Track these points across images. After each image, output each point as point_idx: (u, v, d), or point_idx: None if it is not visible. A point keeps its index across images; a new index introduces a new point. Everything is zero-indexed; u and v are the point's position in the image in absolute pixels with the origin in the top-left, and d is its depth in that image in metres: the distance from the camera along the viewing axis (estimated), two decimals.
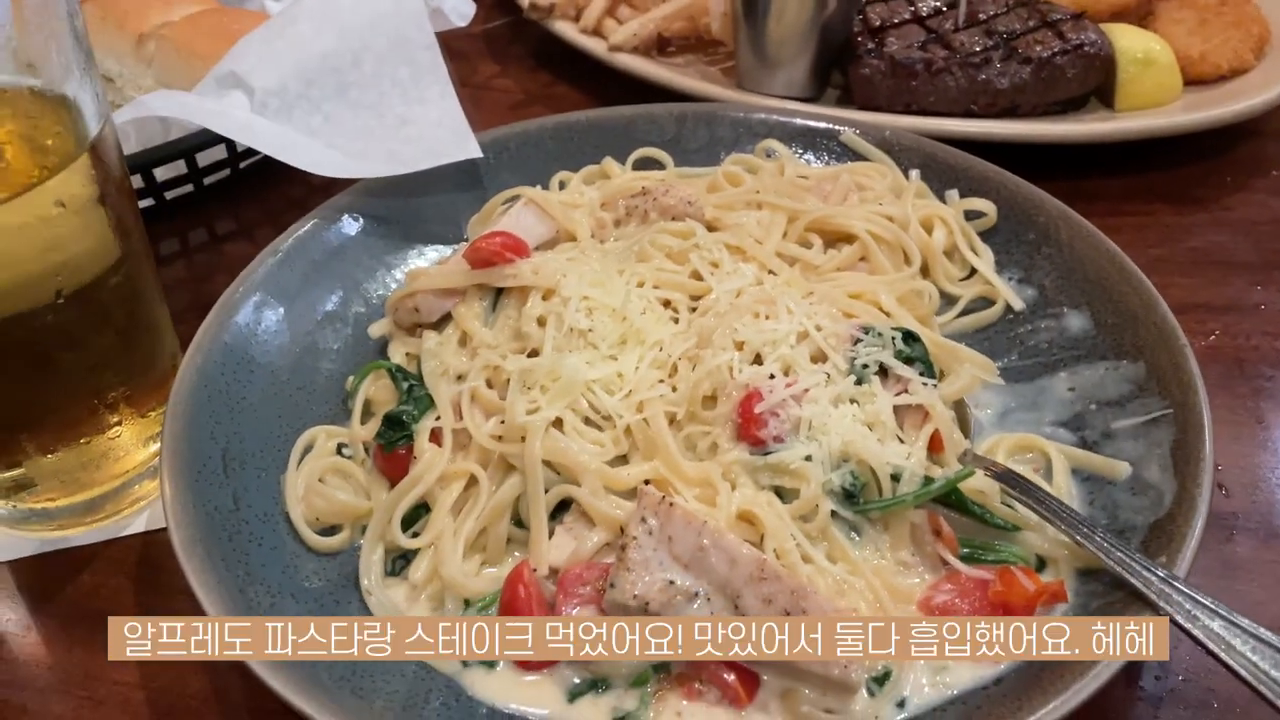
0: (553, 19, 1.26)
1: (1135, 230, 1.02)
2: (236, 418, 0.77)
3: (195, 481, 0.70)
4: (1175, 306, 0.92)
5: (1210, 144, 1.10)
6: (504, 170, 1.01)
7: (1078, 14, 1.12)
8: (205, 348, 0.78)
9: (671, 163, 1.03)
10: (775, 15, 1.10)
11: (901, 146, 0.98)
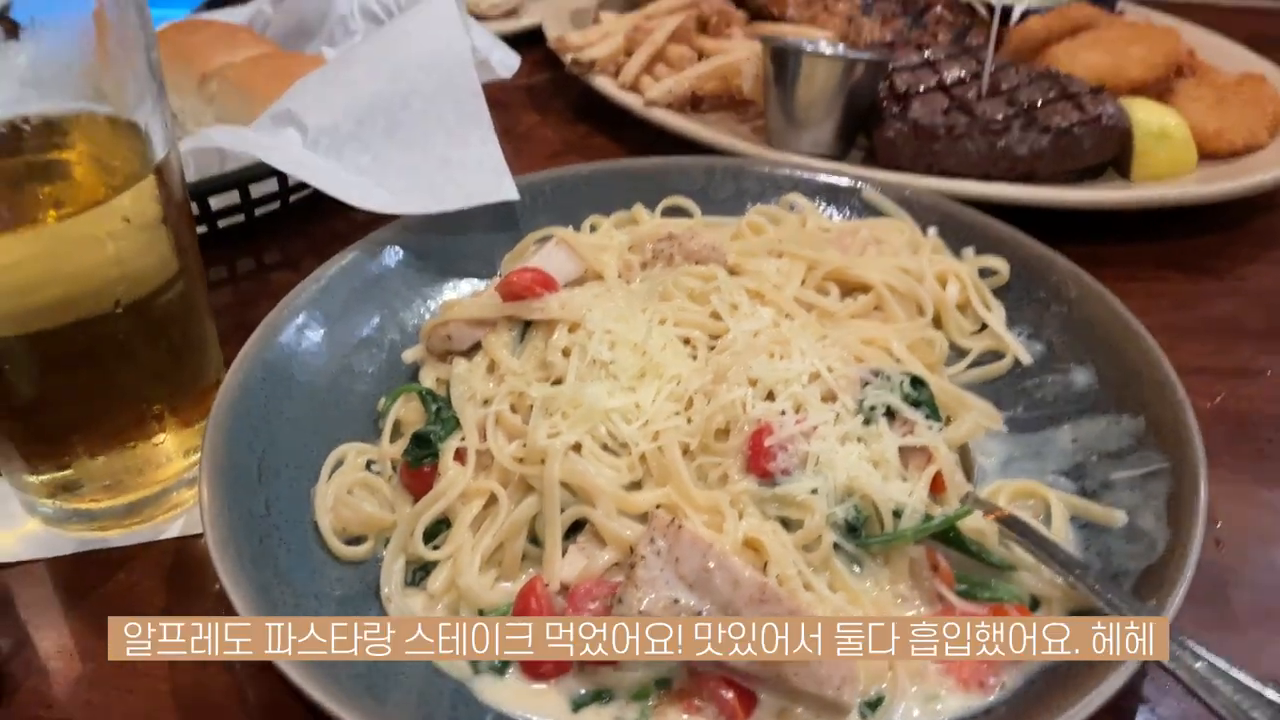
0: (593, 74, 1.32)
1: (1148, 296, 1.04)
2: (273, 431, 0.80)
3: (231, 487, 0.74)
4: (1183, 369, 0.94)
5: (1226, 216, 1.13)
6: (539, 212, 1.06)
7: (1097, 88, 1.16)
8: (248, 364, 0.83)
9: (699, 211, 1.07)
10: (804, 80, 1.15)
11: (920, 205, 1.02)
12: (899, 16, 1.40)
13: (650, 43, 1.29)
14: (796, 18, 1.41)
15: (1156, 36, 1.24)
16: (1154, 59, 1.22)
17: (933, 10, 1.41)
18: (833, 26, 1.40)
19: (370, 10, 1.37)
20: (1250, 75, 1.24)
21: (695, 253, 0.94)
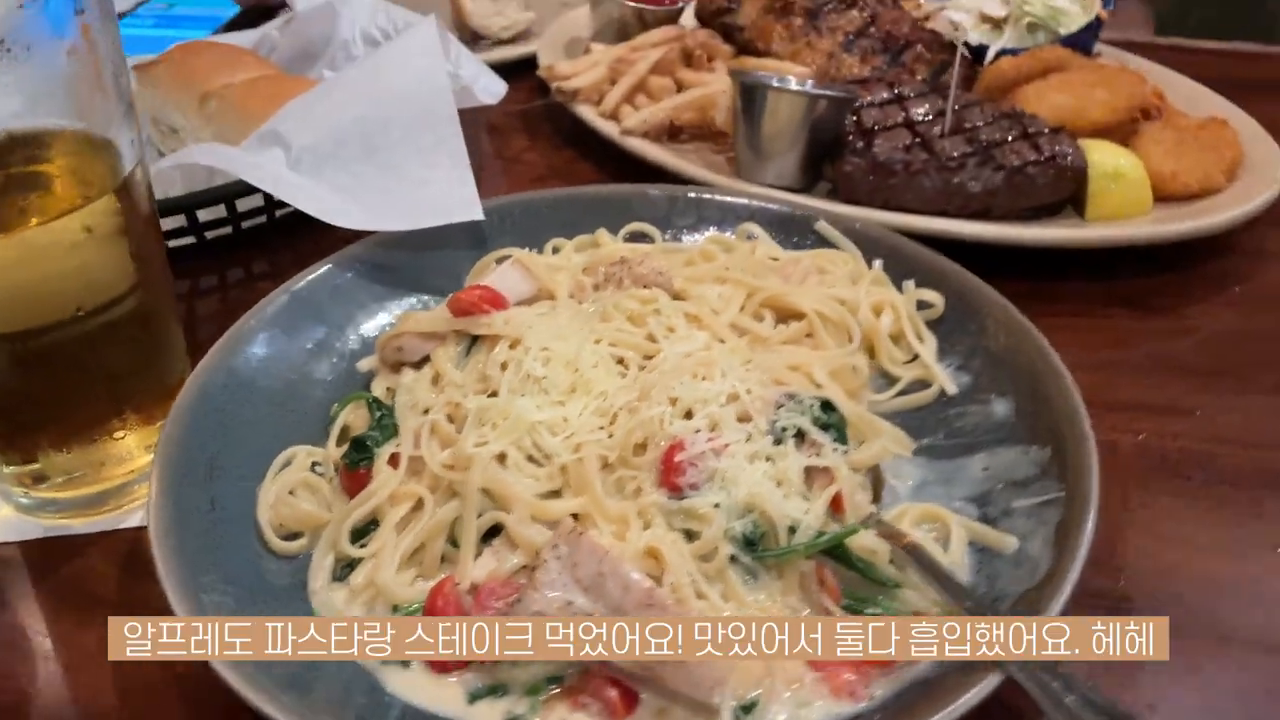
0: (577, 102, 1.37)
1: (1092, 332, 1.07)
2: (229, 433, 0.85)
3: (179, 483, 0.79)
4: (1116, 405, 0.97)
5: (1177, 257, 1.15)
6: (506, 233, 1.11)
7: (1057, 128, 1.19)
8: (210, 369, 0.88)
9: (660, 237, 1.11)
10: (769, 114, 1.19)
11: (868, 238, 1.05)
12: (879, 54, 1.44)
13: (632, 74, 1.33)
14: (781, 52, 1.45)
15: (1121, 80, 1.26)
16: (1116, 102, 1.24)
17: (913, 48, 1.44)
18: (814, 62, 1.43)
19: (371, 36, 1.43)
20: (1213, 120, 1.26)
21: (643, 277, 0.98)
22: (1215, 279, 1.15)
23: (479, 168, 1.40)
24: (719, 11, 1.51)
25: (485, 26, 1.63)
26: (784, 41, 1.46)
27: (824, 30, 1.46)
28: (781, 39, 1.46)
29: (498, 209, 1.11)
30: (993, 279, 1.06)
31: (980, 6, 1.41)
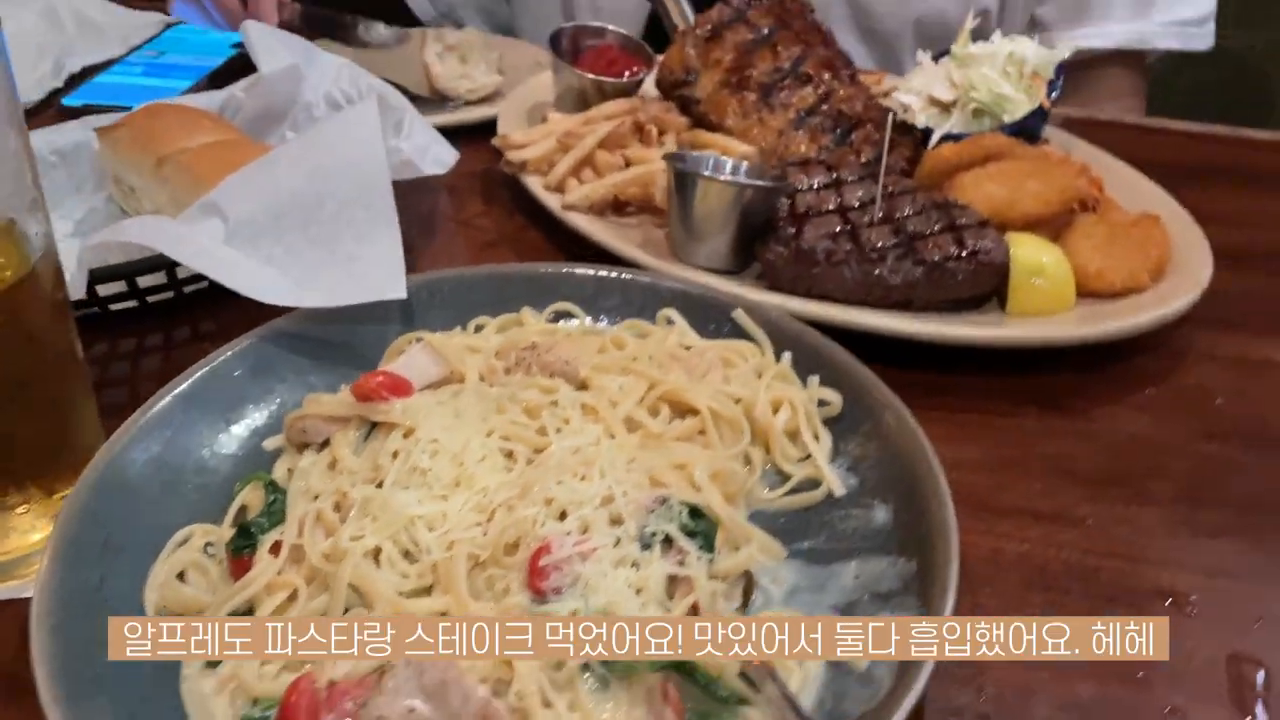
0: (526, 173, 1.39)
1: (995, 430, 1.08)
2: (129, 508, 0.88)
3: (70, 560, 0.81)
4: (1005, 510, 0.98)
5: (1095, 355, 1.15)
6: (434, 309, 1.13)
7: (984, 221, 1.20)
8: (120, 443, 0.91)
9: (584, 318, 1.13)
10: (700, 199, 1.21)
11: (781, 329, 1.07)
12: (828, 132, 1.45)
13: (580, 148, 1.36)
14: (733, 128, 1.47)
15: (1057, 173, 1.27)
16: (1049, 195, 1.25)
17: (862, 128, 1.46)
18: (764, 140, 1.45)
19: (334, 99, 1.47)
20: (1146, 216, 1.26)
21: (550, 364, 1.01)
22: (1131, 380, 1.15)
23: (432, 230, 1.45)
24: (677, 83, 1.53)
25: (452, 88, 1.66)
26: (737, 117, 1.48)
27: (776, 107, 1.48)
28: (735, 114, 1.48)
29: (428, 285, 1.14)
30: (908, 369, 1.08)
31: (929, 90, 1.42)
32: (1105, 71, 2.01)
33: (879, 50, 2.02)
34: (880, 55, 2.03)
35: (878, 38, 2.01)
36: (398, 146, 1.25)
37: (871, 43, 2.01)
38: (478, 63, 1.69)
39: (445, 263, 1.38)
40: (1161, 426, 1.09)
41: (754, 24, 1.57)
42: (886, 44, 2.00)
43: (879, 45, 2.01)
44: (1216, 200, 1.49)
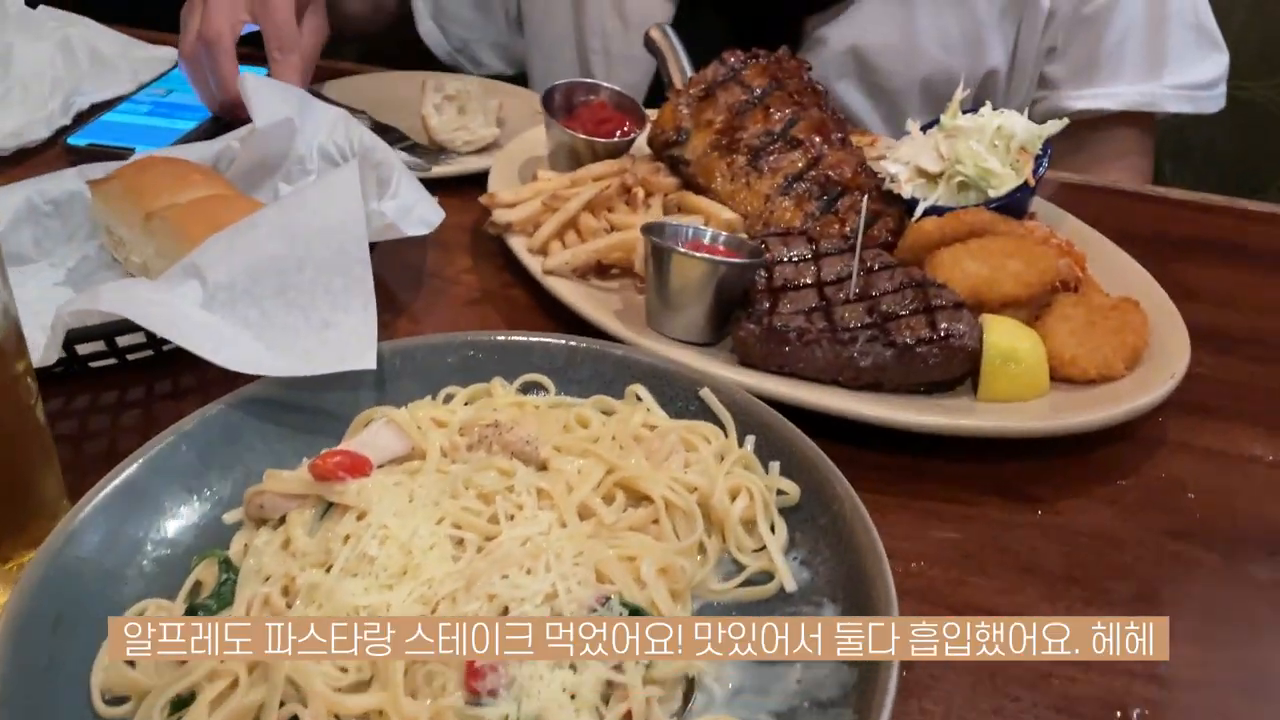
0: (511, 234, 1.40)
1: (958, 520, 1.07)
2: (86, 582, 0.89)
3: (20, 637, 0.82)
4: (962, 607, 0.97)
5: (1062, 442, 1.14)
6: (405, 376, 1.14)
7: (960, 302, 1.19)
8: (83, 512, 0.92)
9: (554, 389, 1.14)
10: (675, 273, 1.21)
11: (746, 411, 1.07)
12: (815, 199, 1.45)
13: (563, 211, 1.36)
14: (720, 191, 1.47)
15: (1038, 253, 1.26)
16: (1029, 276, 1.24)
17: (849, 195, 1.45)
18: (750, 204, 1.45)
19: (328, 152, 1.48)
20: (1125, 300, 1.25)
21: (511, 444, 1.01)
22: (1102, 470, 1.14)
23: (418, 284, 1.45)
24: (668, 143, 1.53)
25: (449, 140, 1.67)
26: (725, 180, 1.48)
27: (764, 171, 1.48)
28: (723, 177, 1.48)
29: (401, 351, 1.15)
30: (875, 449, 1.08)
31: (917, 160, 1.42)
32: (1113, 132, 1.99)
33: (885, 108, 2.01)
34: (886, 112, 2.01)
35: (884, 95, 1.99)
36: (379, 210, 1.25)
37: (878, 100, 2.00)
38: (476, 113, 1.70)
39: (427, 319, 1.38)
40: (1128, 521, 1.08)
41: (747, 84, 1.57)
42: (893, 102, 1.99)
43: (885, 103, 2.00)
44: (1205, 276, 1.48)
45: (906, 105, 2.01)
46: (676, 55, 1.77)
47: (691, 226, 1.29)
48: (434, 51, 2.31)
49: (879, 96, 2.02)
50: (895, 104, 2.02)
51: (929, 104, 2.00)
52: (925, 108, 2.01)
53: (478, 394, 1.13)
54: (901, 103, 2.01)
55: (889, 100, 2.01)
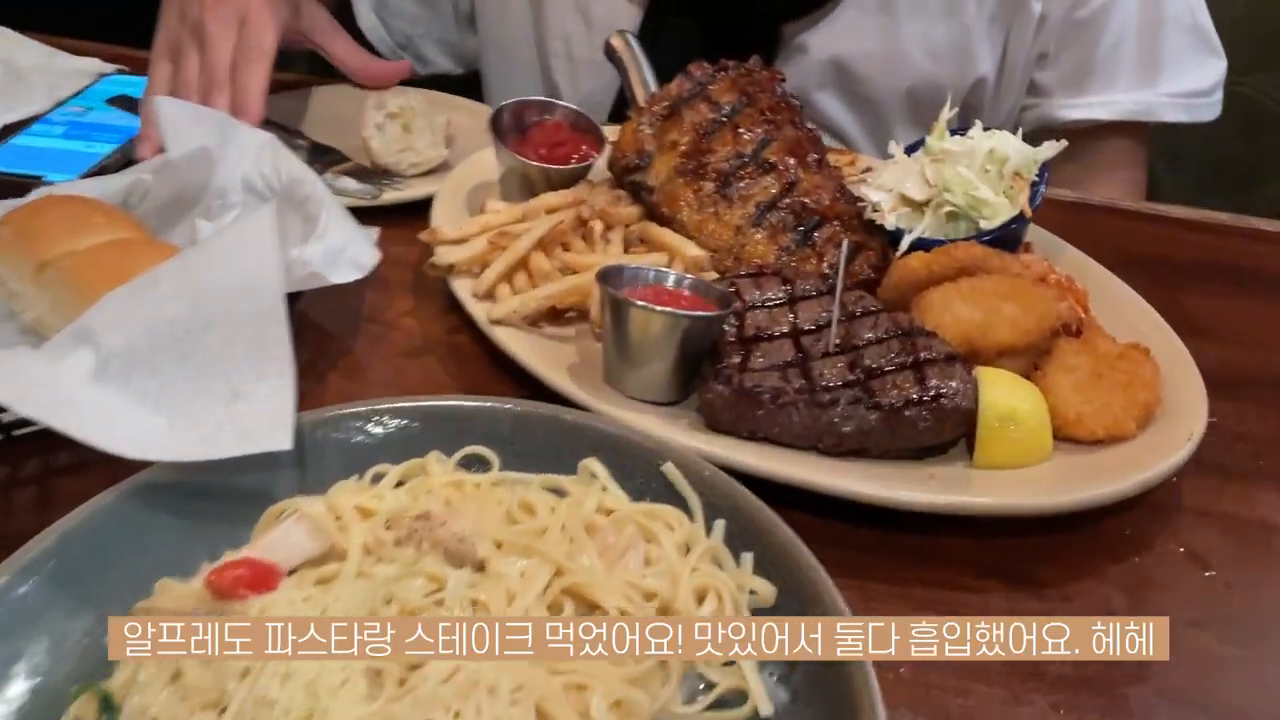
0: (454, 276, 1.27)
1: (955, 610, 0.95)
2: None
3: None
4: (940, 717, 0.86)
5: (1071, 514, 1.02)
6: (330, 452, 1.01)
7: (952, 354, 1.07)
8: None
9: (498, 463, 1.01)
10: (635, 328, 1.08)
11: (715, 490, 0.95)
12: (789, 230, 1.33)
13: (512, 251, 1.23)
14: (687, 222, 1.34)
15: (1037, 296, 1.14)
16: (1027, 323, 1.12)
17: (827, 225, 1.33)
18: (720, 236, 1.33)
19: (252, 184, 1.34)
20: (1134, 349, 1.13)
21: (444, 542, 0.88)
22: (1112, 545, 1.03)
23: (352, 332, 1.32)
24: (629, 168, 1.41)
25: (394, 163, 1.53)
26: (691, 210, 1.35)
27: (735, 199, 1.35)
28: (689, 207, 1.35)
29: (324, 424, 1.02)
30: (859, 524, 0.97)
31: (901, 187, 1.29)
32: (1106, 142, 1.88)
33: (868, 119, 1.89)
34: (869, 124, 1.89)
35: (866, 106, 1.87)
36: (301, 258, 1.12)
37: (860, 111, 1.88)
38: (423, 132, 1.56)
39: (361, 373, 1.25)
40: (1144, 607, 0.96)
41: (715, 100, 1.44)
42: (876, 112, 1.87)
43: (868, 114, 1.88)
44: (1213, 308, 1.37)
45: (890, 116, 1.89)
46: (639, 67, 1.64)
47: (653, 269, 1.16)
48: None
49: (861, 107, 1.90)
50: (878, 114, 1.89)
51: (913, 115, 1.88)
52: (909, 118, 1.89)
53: (412, 471, 1.01)
54: (885, 113, 1.89)
55: (872, 111, 1.89)
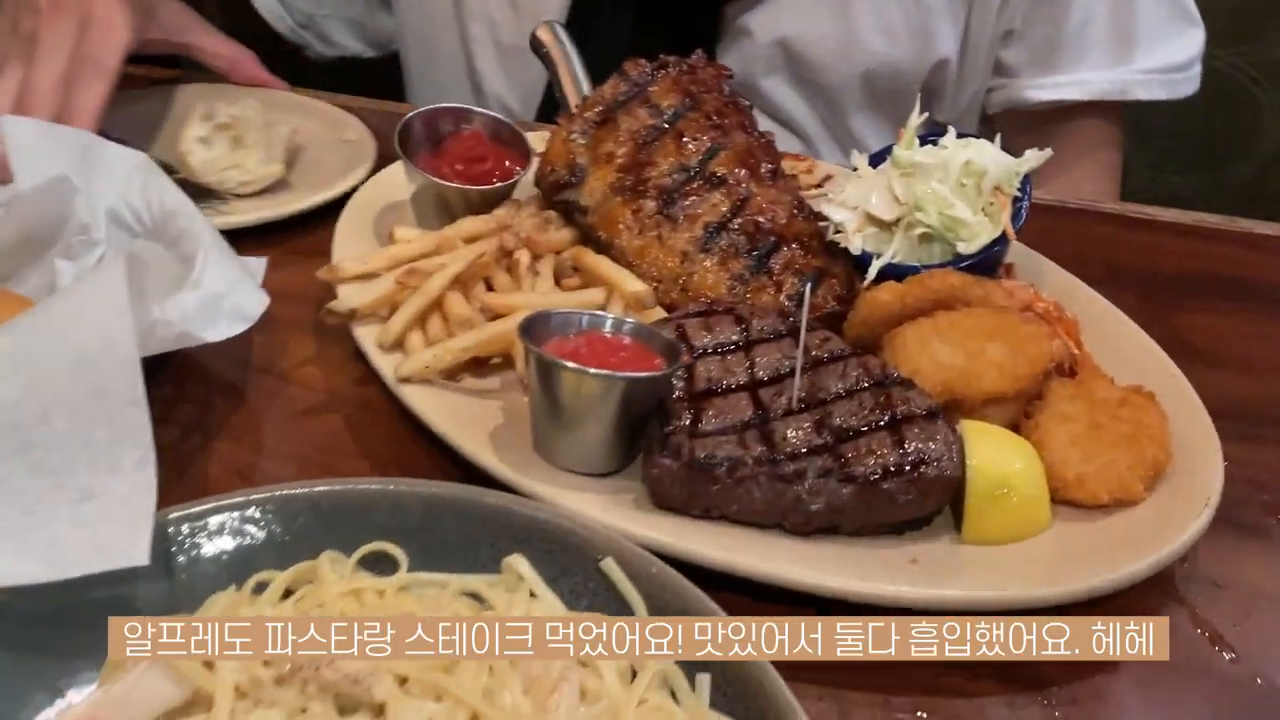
0: (357, 322, 1.11)
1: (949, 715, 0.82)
2: None
3: None
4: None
5: None
6: (203, 559, 0.85)
7: (932, 410, 0.93)
8: None
9: (406, 563, 0.86)
10: (565, 391, 0.93)
11: (667, 592, 0.80)
12: (742, 255, 1.18)
13: (423, 292, 1.07)
14: (626, 248, 1.19)
15: (1025, 334, 1.01)
16: (1016, 367, 0.99)
17: (785, 249, 1.18)
18: (664, 263, 1.18)
19: (120, 216, 1.17)
20: (1136, 394, 1.00)
21: (333, 685, 0.73)
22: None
23: (239, 387, 1.15)
24: (559, 185, 1.25)
25: (219, 181, 1.35)
26: (631, 234, 1.20)
27: (680, 219, 1.20)
28: (629, 230, 1.20)
29: (193, 520, 0.86)
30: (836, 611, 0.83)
31: (866, 204, 1.15)
32: (1079, 123, 1.76)
33: (821, 106, 1.75)
34: (823, 113, 1.76)
35: (819, 92, 1.73)
36: (165, 317, 0.96)
37: (813, 98, 1.74)
38: (255, 145, 1.37)
39: (250, 438, 1.09)
40: (1160, 708, 0.84)
41: (655, 104, 1.29)
42: (830, 100, 1.73)
43: (820, 101, 1.74)
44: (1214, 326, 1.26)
45: (845, 104, 1.75)
46: (570, 63, 1.48)
47: (586, 313, 1.01)
48: (275, 27, 1.97)
49: (814, 94, 1.75)
50: (833, 103, 1.75)
51: (871, 102, 1.75)
52: (867, 106, 1.75)
53: (302, 577, 0.85)
54: (840, 101, 1.75)
55: (825, 99, 1.75)
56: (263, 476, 1.04)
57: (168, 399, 1.12)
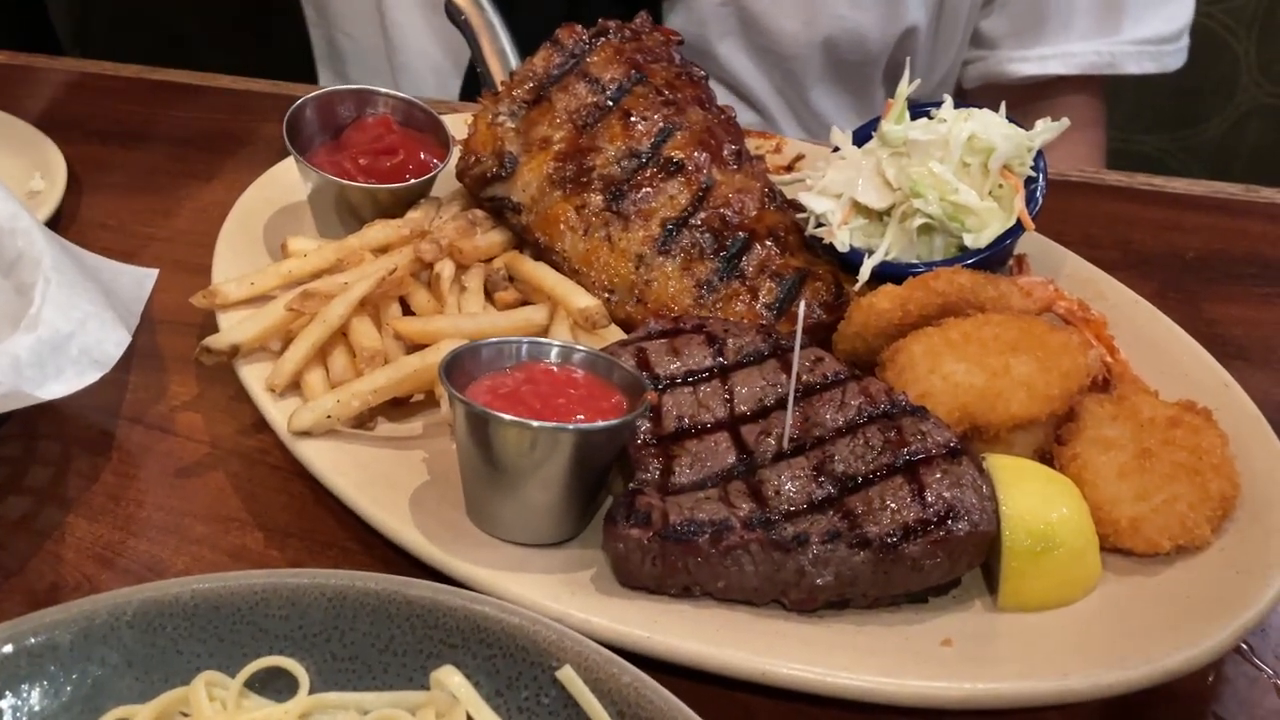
0: (243, 359, 0.92)
1: None
2: None
3: None
4: None
5: None
6: (44, 688, 0.68)
7: (955, 446, 0.78)
8: None
9: (308, 683, 0.69)
10: (503, 449, 0.77)
11: (643, 705, 0.65)
12: (708, 256, 1.02)
13: (321, 323, 0.90)
14: (569, 252, 1.02)
15: (1055, 345, 0.87)
16: (1048, 386, 0.84)
17: (758, 246, 1.02)
18: (616, 272, 1.02)
19: None
20: (1189, 411, 0.86)
21: None
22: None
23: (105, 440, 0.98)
24: (485, 178, 1.08)
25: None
26: (575, 235, 1.03)
27: (632, 216, 1.04)
28: (572, 231, 1.04)
29: (36, 633, 0.69)
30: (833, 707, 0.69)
31: (852, 191, 1.00)
32: (1062, 99, 1.67)
33: (779, 75, 1.62)
34: (780, 83, 1.62)
35: (776, 61, 1.60)
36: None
37: (769, 66, 1.61)
38: None
39: (116, 509, 0.92)
40: None
41: (596, 77, 1.12)
42: (788, 70, 1.60)
43: (779, 72, 1.61)
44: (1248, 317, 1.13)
45: (804, 73, 1.61)
46: (493, 32, 1.30)
47: (525, 341, 0.85)
48: None
49: (770, 61, 1.61)
50: (790, 71, 1.62)
51: (834, 72, 1.62)
52: (829, 76, 1.62)
53: (171, 708, 0.68)
54: (798, 70, 1.61)
55: (784, 68, 1.61)
56: (132, 558, 0.87)
57: (13, 461, 0.94)
